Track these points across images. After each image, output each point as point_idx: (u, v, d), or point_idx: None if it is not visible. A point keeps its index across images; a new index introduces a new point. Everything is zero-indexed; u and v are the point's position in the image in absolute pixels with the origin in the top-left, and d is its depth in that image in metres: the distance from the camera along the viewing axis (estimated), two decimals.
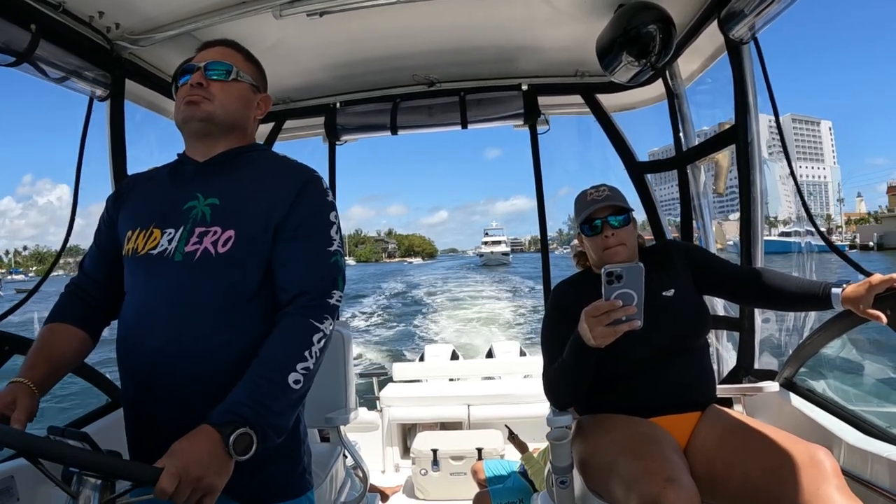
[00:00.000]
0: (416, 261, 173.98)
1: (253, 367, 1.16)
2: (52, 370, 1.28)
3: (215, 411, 1.09)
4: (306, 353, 1.20)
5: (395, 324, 22.74)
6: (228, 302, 1.26)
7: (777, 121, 2.06)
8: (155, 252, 1.29)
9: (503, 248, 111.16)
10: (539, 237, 3.53)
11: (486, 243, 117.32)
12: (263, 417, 1.10)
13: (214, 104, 1.36)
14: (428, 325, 21.69)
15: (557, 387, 1.86)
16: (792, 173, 2.22)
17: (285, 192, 1.34)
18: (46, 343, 1.32)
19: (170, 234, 1.30)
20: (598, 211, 1.94)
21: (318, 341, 1.23)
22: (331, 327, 1.27)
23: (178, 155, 1.46)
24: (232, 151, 1.41)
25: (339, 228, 1.39)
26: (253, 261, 1.29)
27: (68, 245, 2.47)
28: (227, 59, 1.41)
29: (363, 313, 25.81)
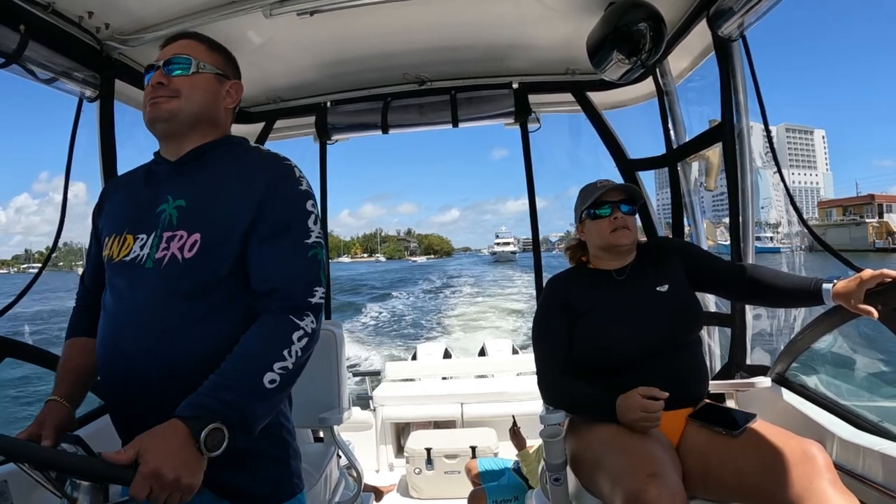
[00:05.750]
0: (420, 259, 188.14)
1: (224, 363, 1.12)
2: (78, 380, 1.38)
3: (182, 404, 1.05)
4: (285, 353, 1.15)
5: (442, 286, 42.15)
6: (198, 307, 1.21)
7: (764, 120, 2.06)
8: (128, 259, 1.27)
9: (511, 248, 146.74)
10: (543, 238, 3.53)
11: (497, 244, 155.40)
12: (232, 411, 1.06)
13: (179, 100, 1.32)
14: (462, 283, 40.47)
15: (558, 402, 1.88)
16: (781, 177, 2.23)
17: (256, 186, 1.27)
18: (68, 358, 1.42)
19: (142, 239, 1.27)
20: (610, 193, 1.97)
21: (299, 339, 1.18)
22: (313, 325, 1.22)
23: (154, 154, 1.42)
24: (202, 147, 1.36)
25: (317, 218, 1.31)
26: (221, 264, 1.23)
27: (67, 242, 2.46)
28: (188, 52, 1.36)
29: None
